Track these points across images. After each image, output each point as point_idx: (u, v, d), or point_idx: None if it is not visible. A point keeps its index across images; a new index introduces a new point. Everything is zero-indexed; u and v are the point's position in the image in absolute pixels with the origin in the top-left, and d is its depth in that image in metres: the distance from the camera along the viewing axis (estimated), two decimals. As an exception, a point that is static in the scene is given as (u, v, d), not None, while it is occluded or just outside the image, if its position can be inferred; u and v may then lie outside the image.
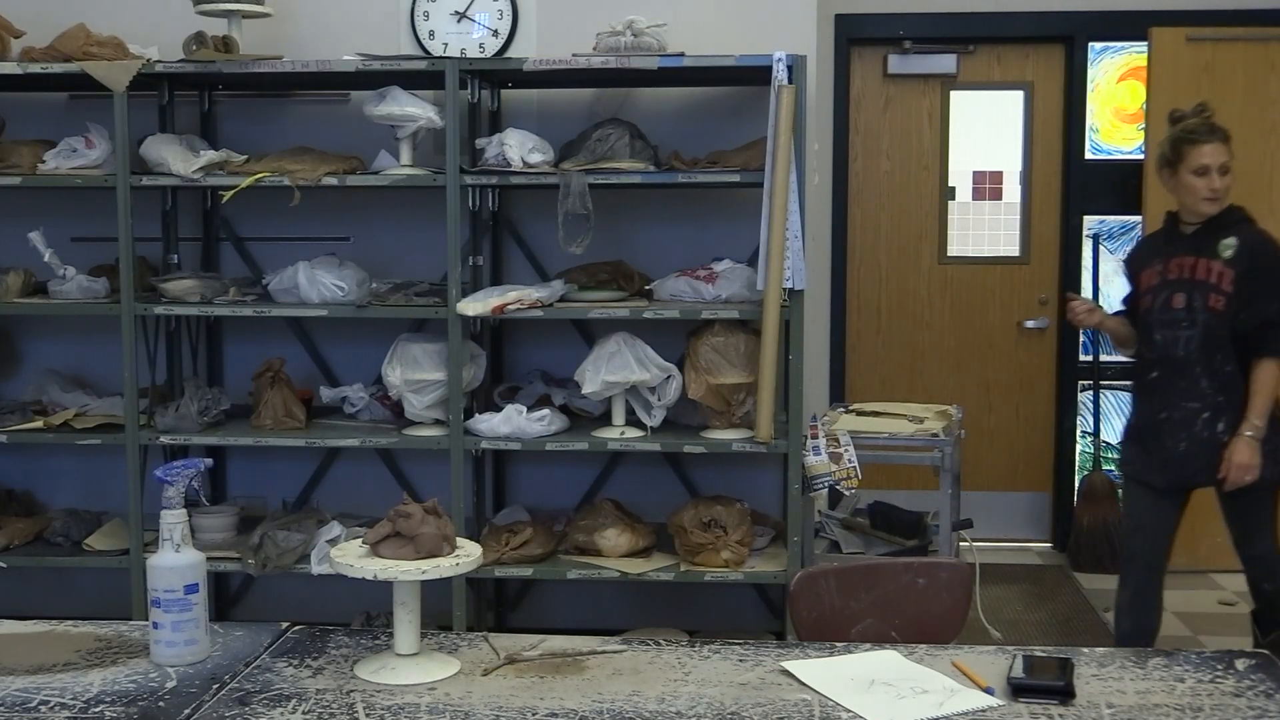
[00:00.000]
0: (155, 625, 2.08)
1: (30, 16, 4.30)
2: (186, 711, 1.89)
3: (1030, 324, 5.99)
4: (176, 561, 2.07)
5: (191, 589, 2.07)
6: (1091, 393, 5.91)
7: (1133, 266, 3.99)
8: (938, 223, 6.03)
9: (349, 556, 2.07)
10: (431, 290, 4.24)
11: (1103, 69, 5.88)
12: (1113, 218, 5.90)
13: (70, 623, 2.29)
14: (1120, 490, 5.81)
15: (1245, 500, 3.80)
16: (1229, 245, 3.71)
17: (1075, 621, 5.06)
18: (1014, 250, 6.02)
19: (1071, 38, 5.82)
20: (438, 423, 4.15)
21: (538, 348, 4.58)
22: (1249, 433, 3.67)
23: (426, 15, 4.49)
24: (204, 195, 4.56)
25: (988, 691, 1.97)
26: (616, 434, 4.07)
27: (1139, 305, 3.90)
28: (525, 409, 4.10)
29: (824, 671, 2.04)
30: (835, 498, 4.57)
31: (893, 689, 1.97)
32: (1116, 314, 4.06)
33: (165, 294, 4.19)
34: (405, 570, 2.02)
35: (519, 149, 4.03)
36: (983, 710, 1.91)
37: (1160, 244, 3.89)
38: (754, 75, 4.01)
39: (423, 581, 2.05)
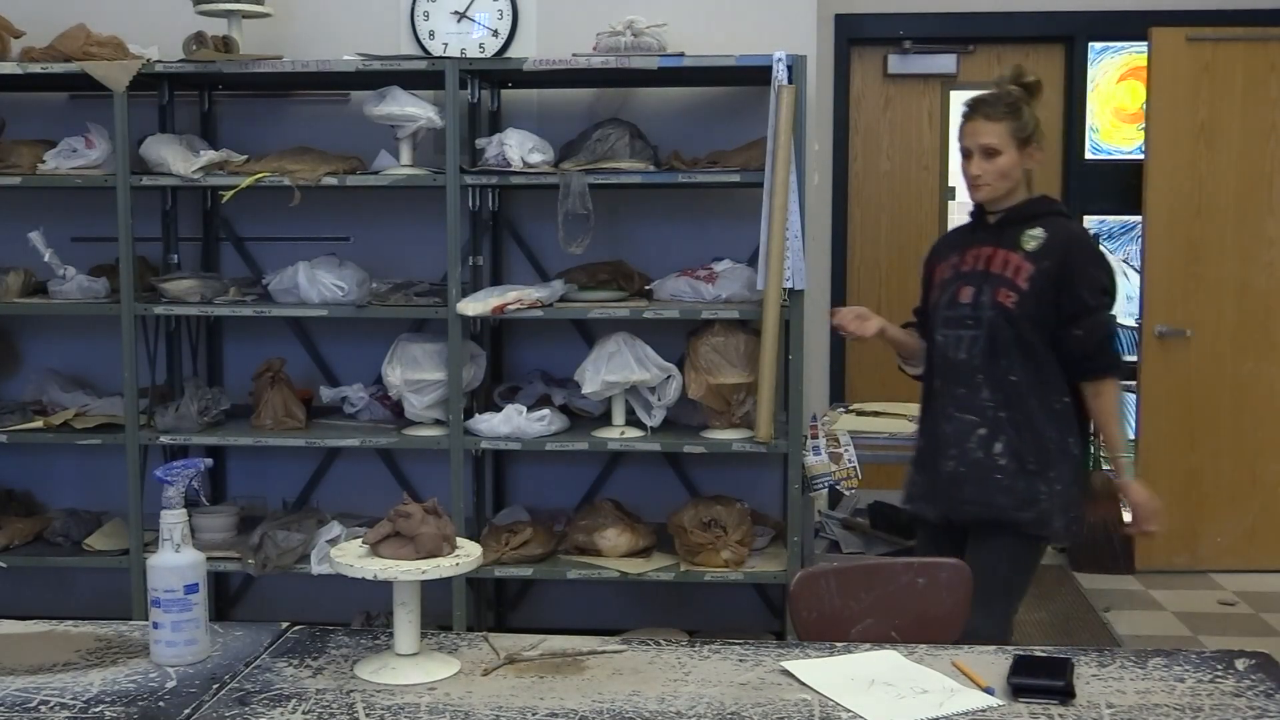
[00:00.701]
0: (155, 625, 2.08)
1: (30, 16, 4.30)
2: (186, 711, 1.89)
3: (1030, 324, 5.99)
4: (176, 561, 2.07)
5: (191, 589, 2.07)
6: (1091, 393, 5.91)
7: (929, 265, 3.38)
8: (938, 223, 6.02)
9: (349, 556, 2.07)
10: (431, 290, 4.24)
11: (1103, 69, 5.88)
12: (1113, 218, 5.90)
13: (70, 623, 2.29)
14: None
15: (990, 552, 3.09)
16: (1034, 236, 3.13)
17: (1075, 621, 5.06)
18: (1014, 250, 6.01)
19: (1071, 38, 5.82)
20: (438, 423, 4.15)
21: (538, 348, 4.58)
22: (1127, 472, 3.23)
23: (426, 15, 4.49)
24: (204, 195, 4.56)
25: (988, 691, 1.97)
26: (616, 434, 4.07)
27: (929, 303, 3.34)
28: (525, 409, 4.10)
29: (824, 671, 2.04)
30: (835, 498, 4.57)
31: (893, 689, 1.97)
32: (906, 325, 3.47)
33: (165, 294, 4.19)
34: (405, 570, 2.02)
35: (519, 149, 4.03)
36: (983, 710, 1.91)
37: (964, 236, 3.32)
38: (754, 75, 4.01)
39: (423, 581, 2.05)
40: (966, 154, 3.15)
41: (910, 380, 6.62)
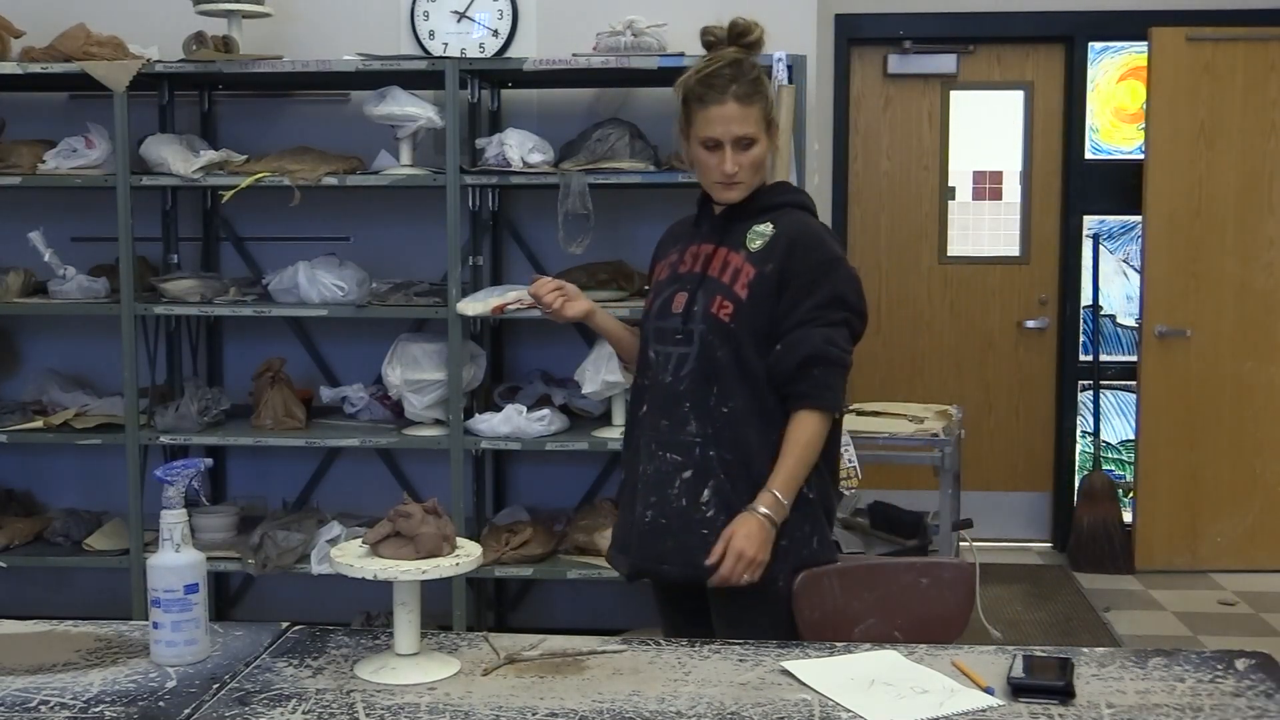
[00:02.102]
0: (155, 625, 2.07)
1: (30, 16, 4.30)
2: (186, 711, 1.89)
3: (1030, 324, 5.99)
4: (176, 561, 2.07)
5: (191, 589, 2.07)
6: (1091, 393, 5.91)
7: (653, 260, 2.80)
8: (938, 223, 6.03)
9: (349, 556, 2.07)
10: (431, 290, 4.23)
11: (1103, 69, 5.88)
12: (1113, 218, 5.90)
13: (70, 623, 2.29)
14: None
15: (737, 608, 2.53)
16: (760, 233, 2.55)
17: (1075, 621, 5.05)
18: (1014, 250, 6.02)
19: (1071, 38, 5.82)
20: (438, 423, 4.15)
21: (538, 348, 4.57)
22: (762, 509, 2.43)
23: (426, 15, 4.49)
24: (204, 195, 4.56)
25: (988, 691, 1.97)
26: (616, 434, 4.07)
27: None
28: (525, 409, 4.10)
29: (824, 671, 2.04)
30: (835, 498, 4.56)
31: (893, 689, 1.97)
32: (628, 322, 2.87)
33: (165, 294, 4.19)
34: (405, 570, 2.02)
35: (519, 149, 4.04)
36: (983, 710, 1.91)
37: (688, 228, 2.71)
38: (754, 75, 4.00)
39: (423, 581, 2.05)
40: (712, 146, 2.52)
41: (910, 380, 6.63)
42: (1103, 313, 5.94)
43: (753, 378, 2.49)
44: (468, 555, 2.09)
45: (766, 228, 2.55)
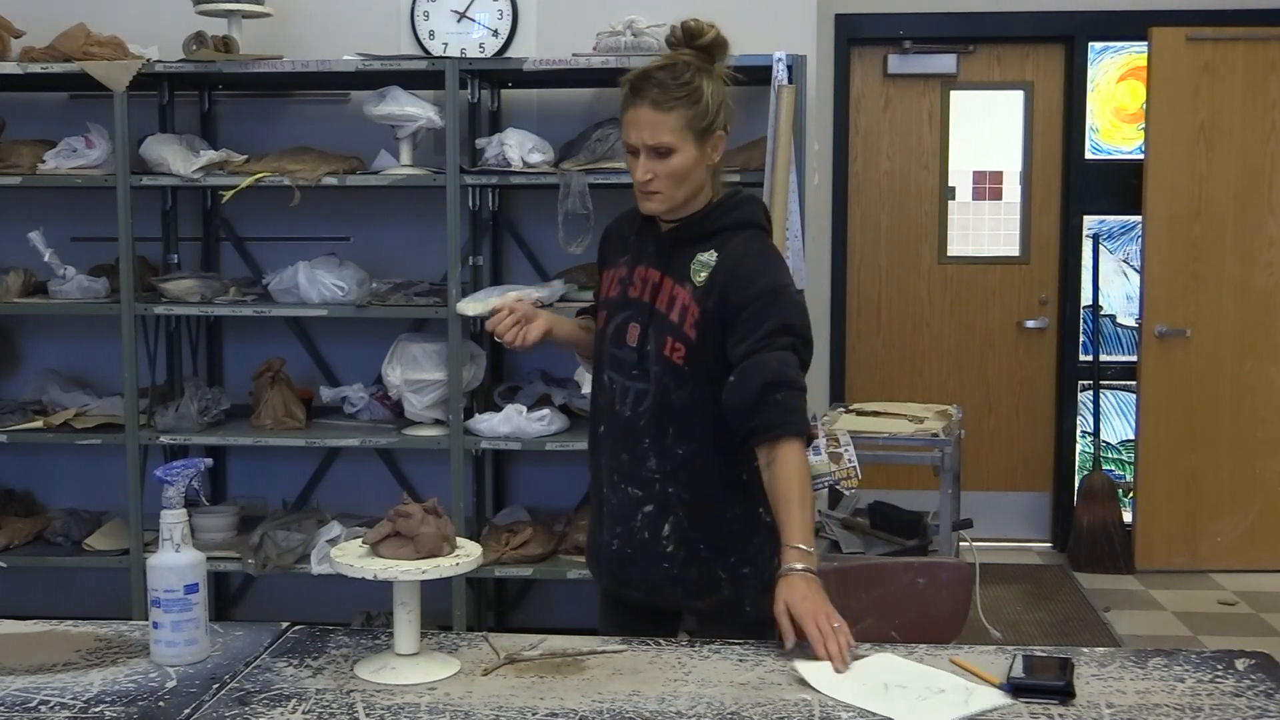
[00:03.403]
0: (155, 625, 2.08)
1: (30, 16, 4.30)
2: (186, 711, 1.89)
3: (1030, 324, 5.99)
4: (176, 561, 2.07)
5: (191, 589, 2.07)
6: (1091, 393, 5.91)
7: (601, 253, 2.63)
8: (938, 223, 6.02)
9: (349, 556, 2.07)
10: (431, 290, 4.24)
11: (1103, 69, 5.88)
12: (1113, 218, 5.90)
13: (70, 623, 2.29)
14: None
15: (709, 633, 2.45)
16: (704, 264, 2.39)
17: (1075, 621, 5.05)
18: (1014, 250, 6.02)
19: (1071, 38, 5.82)
20: (438, 423, 4.15)
21: (538, 348, 4.55)
22: (799, 565, 2.23)
23: (426, 15, 4.49)
24: (204, 195, 4.56)
25: (1002, 688, 1.97)
26: (616, 434, 4.07)
27: (597, 319, 2.58)
28: (525, 409, 4.10)
29: (833, 675, 2.03)
30: (835, 498, 4.57)
31: (909, 690, 1.97)
32: (582, 312, 2.73)
33: (165, 294, 4.19)
34: (405, 570, 2.02)
35: (519, 149, 4.04)
36: (995, 709, 1.91)
37: (636, 233, 2.52)
38: (754, 75, 4.00)
39: (423, 581, 2.05)
40: (632, 151, 2.39)
41: (910, 380, 6.63)
42: (1103, 313, 5.94)
43: (710, 417, 2.38)
44: (468, 555, 2.09)
45: (710, 257, 2.39)
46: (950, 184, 6.02)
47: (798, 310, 2.40)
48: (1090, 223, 5.91)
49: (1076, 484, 5.92)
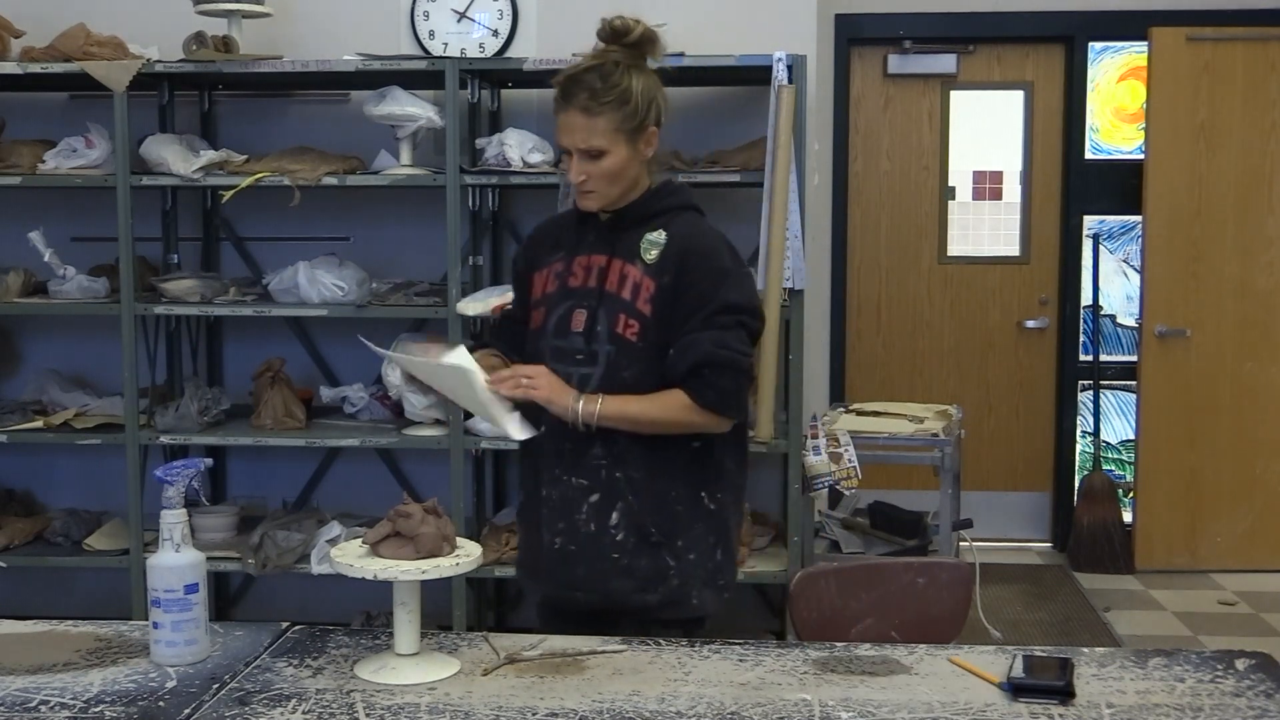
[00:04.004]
0: (155, 625, 2.08)
1: (30, 16, 4.30)
2: (186, 711, 1.89)
3: (1030, 324, 5.99)
4: (176, 561, 2.07)
5: (191, 589, 2.07)
6: (1091, 393, 5.91)
7: (528, 263, 2.60)
8: (938, 223, 6.02)
9: (349, 556, 2.07)
10: (431, 290, 4.24)
11: (1103, 69, 5.88)
12: (1113, 218, 5.90)
13: (70, 623, 2.29)
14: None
15: (656, 630, 2.38)
16: (654, 243, 2.44)
17: (1075, 621, 5.05)
18: (1014, 250, 6.02)
19: (1071, 38, 5.82)
20: (437, 422, 4.15)
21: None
22: (583, 395, 2.37)
23: (426, 15, 4.49)
24: (204, 195, 4.56)
25: (1001, 687, 1.97)
26: (616, 434, 4.07)
27: (530, 319, 2.55)
28: (525, 409, 4.09)
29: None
30: (835, 498, 4.57)
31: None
32: (483, 348, 2.59)
33: (165, 294, 4.19)
34: (405, 570, 2.02)
35: (519, 149, 4.04)
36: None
37: (569, 231, 2.55)
38: (754, 75, 4.01)
39: (423, 581, 2.05)
40: (566, 152, 2.43)
41: (910, 380, 6.63)
42: (1103, 313, 5.94)
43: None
44: (468, 555, 2.09)
45: (659, 235, 2.44)
46: (950, 184, 6.02)
47: (745, 287, 2.45)
48: (1090, 223, 5.91)
49: (1076, 484, 5.92)
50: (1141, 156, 5.64)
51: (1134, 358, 5.79)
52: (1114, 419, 5.96)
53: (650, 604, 2.42)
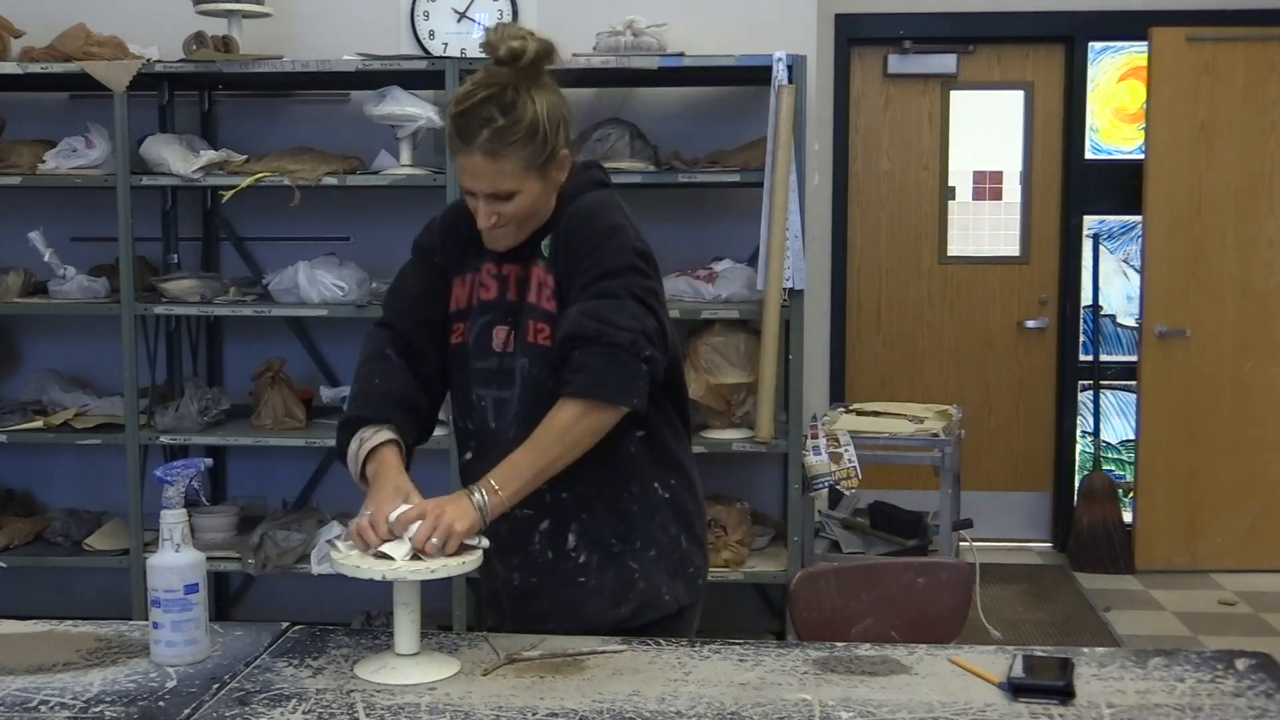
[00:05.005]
0: (155, 625, 2.07)
1: (30, 16, 4.30)
2: (186, 711, 1.89)
3: (1030, 324, 5.99)
4: (176, 561, 2.07)
5: (191, 589, 2.07)
6: (1091, 393, 5.91)
7: (451, 255, 2.35)
8: (938, 223, 6.02)
9: (352, 558, 2.07)
10: (431, 290, 4.23)
11: (1103, 69, 5.88)
12: (1113, 218, 5.90)
13: (70, 623, 2.29)
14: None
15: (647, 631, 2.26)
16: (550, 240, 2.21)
17: (1075, 621, 5.05)
18: (1014, 250, 6.02)
19: (1071, 37, 5.82)
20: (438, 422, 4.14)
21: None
22: (478, 493, 2.06)
23: (426, 15, 4.49)
24: (204, 195, 4.56)
25: (1001, 687, 1.97)
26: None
27: (450, 332, 2.31)
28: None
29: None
30: (835, 498, 4.57)
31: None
32: (379, 421, 2.31)
33: (165, 294, 4.19)
34: (414, 570, 2.01)
35: (519, 149, 4.03)
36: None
37: (473, 230, 2.24)
38: (754, 75, 4.01)
39: (425, 581, 2.05)
40: (469, 192, 2.16)
41: (910, 380, 6.62)
42: (1103, 313, 5.94)
43: None
44: (471, 555, 2.09)
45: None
46: (950, 184, 6.02)
47: (626, 247, 2.16)
48: (1090, 223, 5.91)
49: (1076, 484, 5.92)
50: (1141, 156, 5.64)
51: (1134, 358, 5.80)
52: (1114, 419, 5.96)
53: (624, 616, 2.25)
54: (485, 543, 2.08)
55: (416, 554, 2.02)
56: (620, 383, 2.09)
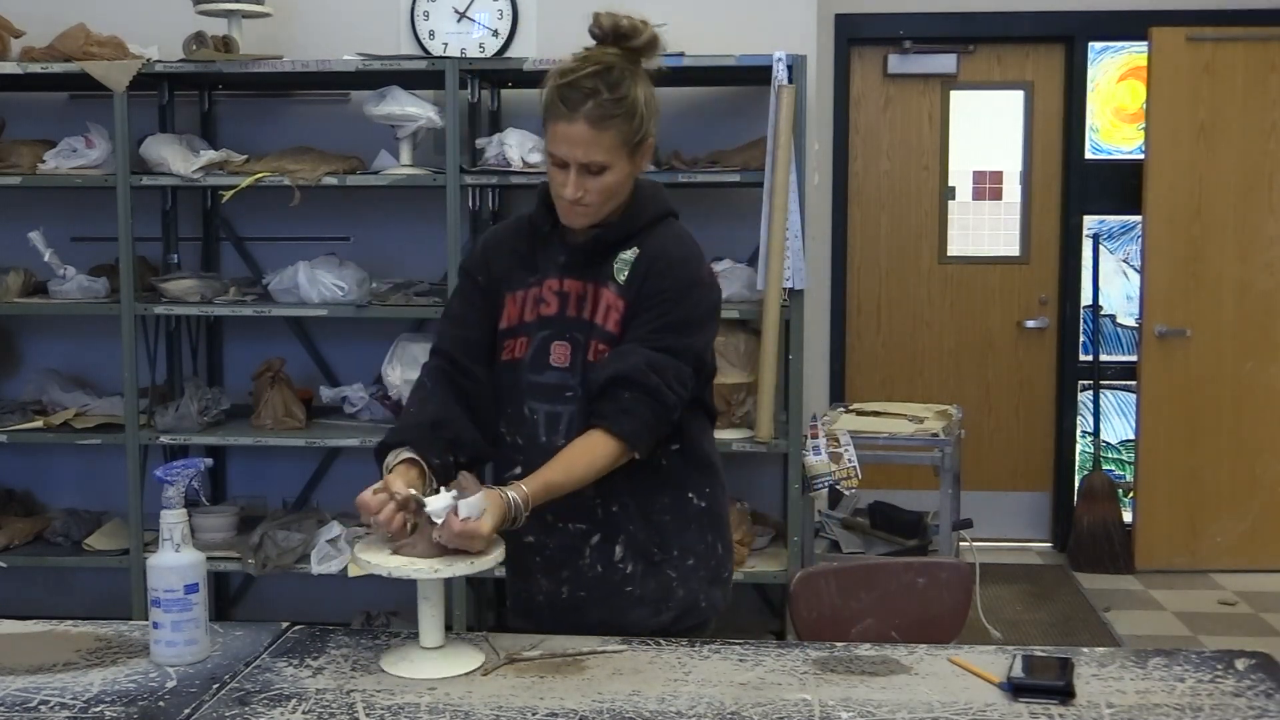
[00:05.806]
0: (155, 625, 2.08)
1: (30, 16, 4.30)
2: (186, 711, 1.89)
3: (1030, 324, 5.99)
4: (176, 561, 2.07)
5: (191, 589, 2.07)
6: (1091, 393, 5.91)
7: (496, 273, 2.34)
8: (938, 223, 6.03)
9: (379, 557, 2.06)
10: (431, 290, 4.24)
11: (1103, 69, 5.88)
12: (1113, 218, 5.90)
13: (70, 623, 2.29)
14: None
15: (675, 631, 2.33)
16: (626, 261, 2.25)
17: (1075, 621, 5.05)
18: (1014, 250, 6.02)
19: (1071, 37, 5.82)
20: (438, 423, 4.14)
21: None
22: (511, 493, 2.08)
23: (426, 15, 4.49)
24: (204, 195, 4.56)
25: (1001, 687, 1.97)
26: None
27: (500, 349, 2.32)
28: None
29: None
30: (835, 498, 4.57)
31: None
32: (399, 446, 2.24)
33: (165, 294, 4.19)
34: (454, 566, 2.01)
35: (519, 149, 4.04)
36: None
37: (534, 248, 2.32)
38: (754, 75, 4.01)
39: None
40: (559, 164, 2.20)
41: (910, 380, 6.62)
42: (1103, 313, 5.94)
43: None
44: (497, 549, 2.10)
45: (631, 253, 2.24)
46: (950, 184, 6.02)
47: (705, 309, 2.27)
48: (1090, 223, 5.91)
49: (1076, 484, 5.92)
50: (1141, 156, 5.64)
51: (1134, 358, 5.80)
52: (1114, 419, 5.96)
53: (665, 624, 2.30)
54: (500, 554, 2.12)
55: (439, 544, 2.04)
56: (651, 438, 2.21)
